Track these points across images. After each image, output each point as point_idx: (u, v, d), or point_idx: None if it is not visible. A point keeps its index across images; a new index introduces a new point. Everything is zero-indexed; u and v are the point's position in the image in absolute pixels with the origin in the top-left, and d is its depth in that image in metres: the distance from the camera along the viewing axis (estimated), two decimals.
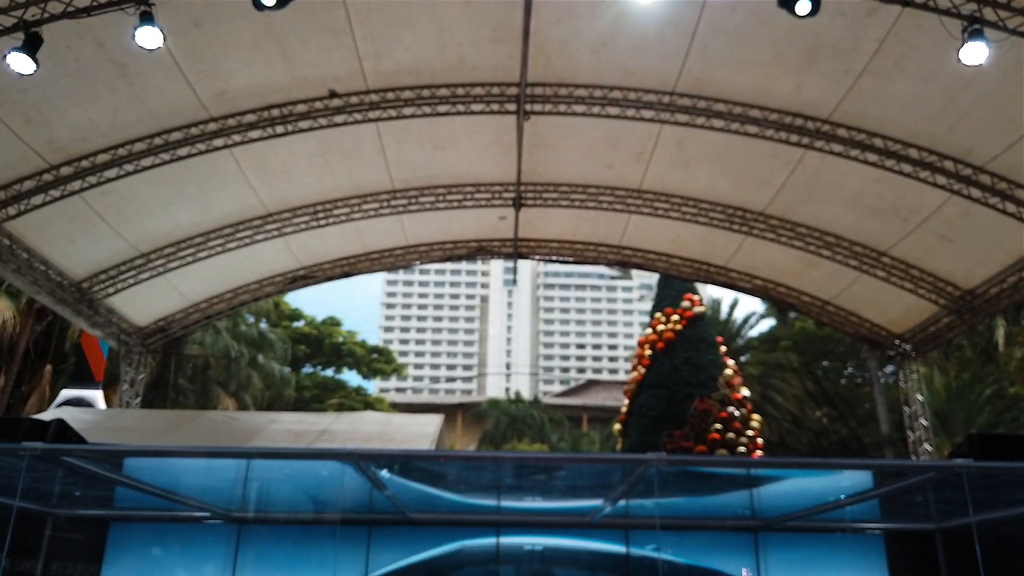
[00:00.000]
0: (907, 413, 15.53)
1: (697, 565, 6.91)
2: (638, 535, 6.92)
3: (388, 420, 15.17)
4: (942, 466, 4.65)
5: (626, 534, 7.05)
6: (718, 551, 7.01)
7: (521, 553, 7.01)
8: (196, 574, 6.67)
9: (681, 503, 6.61)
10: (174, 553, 6.79)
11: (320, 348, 37.37)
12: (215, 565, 6.67)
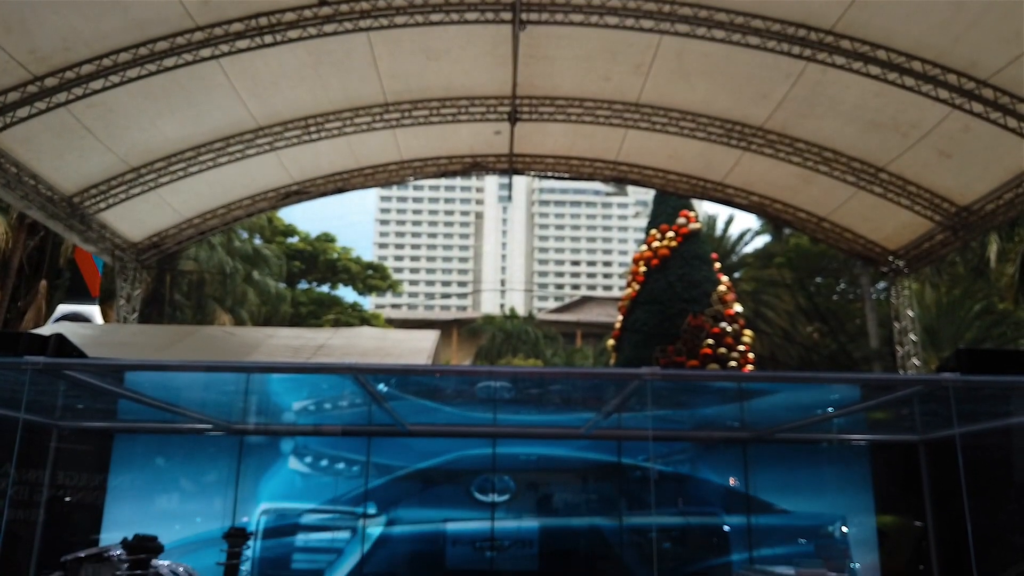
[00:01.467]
0: (897, 328, 15.76)
1: (687, 474, 7.13)
2: (630, 446, 7.10)
3: (385, 335, 15.35)
4: (929, 380, 4.74)
5: (618, 445, 7.24)
6: (708, 462, 7.22)
7: (516, 462, 7.22)
8: (200, 484, 6.87)
9: (672, 416, 6.76)
10: (178, 464, 6.97)
11: (315, 264, 37.40)
12: (218, 475, 6.86)
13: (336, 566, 6.75)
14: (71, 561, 4.20)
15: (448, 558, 6.84)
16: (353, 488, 7.03)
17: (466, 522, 7.00)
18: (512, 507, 7.07)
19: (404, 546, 7.01)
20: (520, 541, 6.89)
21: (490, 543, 6.86)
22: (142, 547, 4.18)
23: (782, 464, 7.13)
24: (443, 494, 7.19)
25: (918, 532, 6.62)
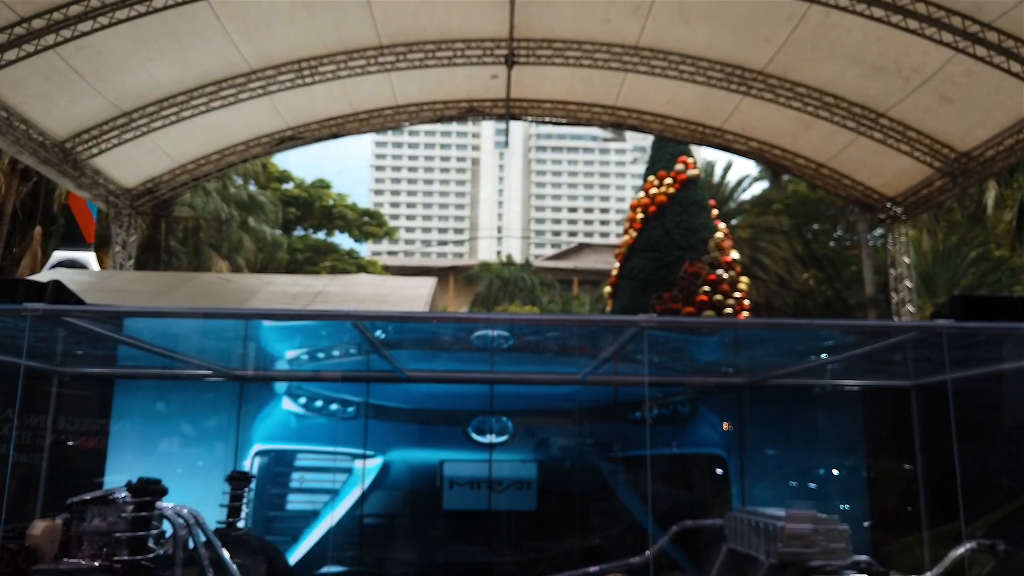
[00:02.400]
0: (892, 275, 15.82)
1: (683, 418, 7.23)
2: (626, 392, 7.19)
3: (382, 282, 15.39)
4: (923, 327, 4.78)
5: (615, 391, 7.33)
6: (703, 407, 7.32)
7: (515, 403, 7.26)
8: (201, 428, 6.96)
9: (668, 362, 6.82)
10: (179, 408, 7.05)
11: (310, 211, 37.23)
12: (220, 419, 6.95)
13: (331, 507, 6.86)
14: (77, 504, 4.27)
15: (445, 499, 6.93)
16: (350, 430, 7.10)
17: (463, 463, 7.08)
18: (510, 448, 7.13)
19: (400, 488, 7.07)
20: (518, 482, 6.98)
21: (488, 484, 6.96)
22: (146, 490, 4.25)
23: (775, 409, 7.24)
24: (440, 435, 7.23)
25: (907, 475, 6.75)
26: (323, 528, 6.78)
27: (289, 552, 6.45)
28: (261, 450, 6.93)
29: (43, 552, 4.24)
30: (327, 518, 6.84)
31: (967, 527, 4.54)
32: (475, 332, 6.02)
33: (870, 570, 4.44)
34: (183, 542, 4.46)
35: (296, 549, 6.51)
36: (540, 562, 6.56)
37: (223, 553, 4.57)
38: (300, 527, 6.71)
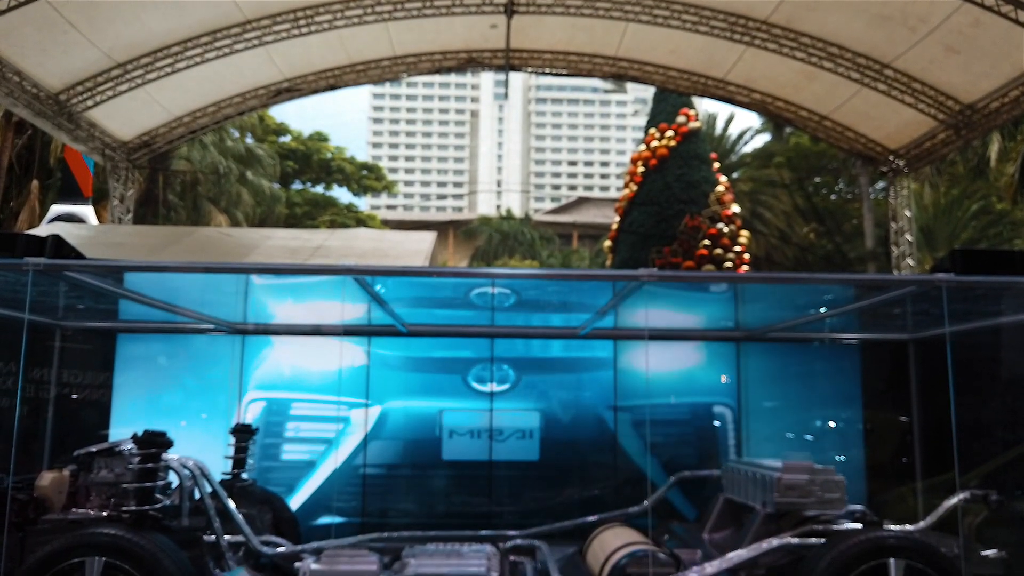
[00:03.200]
0: (893, 229, 15.79)
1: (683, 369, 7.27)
2: (625, 345, 7.24)
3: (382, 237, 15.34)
4: (923, 280, 4.78)
5: (614, 344, 7.37)
6: (701, 360, 7.36)
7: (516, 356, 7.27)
8: (204, 381, 7.01)
9: (668, 316, 6.84)
10: (182, 362, 7.10)
11: (308, 164, 36.92)
12: (222, 372, 7.00)
13: (326, 457, 6.88)
14: (84, 455, 4.33)
15: (445, 449, 6.95)
16: (349, 380, 7.04)
17: (463, 412, 7.05)
18: (511, 397, 7.09)
19: (398, 437, 7.06)
20: (520, 431, 6.96)
21: (488, 433, 6.97)
22: (151, 442, 4.31)
23: (774, 361, 7.29)
24: (440, 384, 7.19)
25: (903, 427, 6.84)
26: (319, 479, 6.80)
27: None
28: (255, 398, 6.94)
29: (52, 502, 4.31)
30: (322, 468, 6.85)
31: (961, 477, 4.61)
32: (475, 290, 6.01)
33: (864, 519, 4.52)
34: (189, 493, 4.53)
35: (291, 500, 6.57)
36: (541, 512, 6.62)
37: (229, 503, 4.65)
38: (295, 477, 6.74)
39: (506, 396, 7.10)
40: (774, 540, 4.34)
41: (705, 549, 5.08)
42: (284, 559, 4.90)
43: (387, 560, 4.92)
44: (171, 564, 3.88)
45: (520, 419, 7.00)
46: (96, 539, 3.90)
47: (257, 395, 7.00)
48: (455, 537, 5.42)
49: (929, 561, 4.05)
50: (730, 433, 7.10)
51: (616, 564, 4.71)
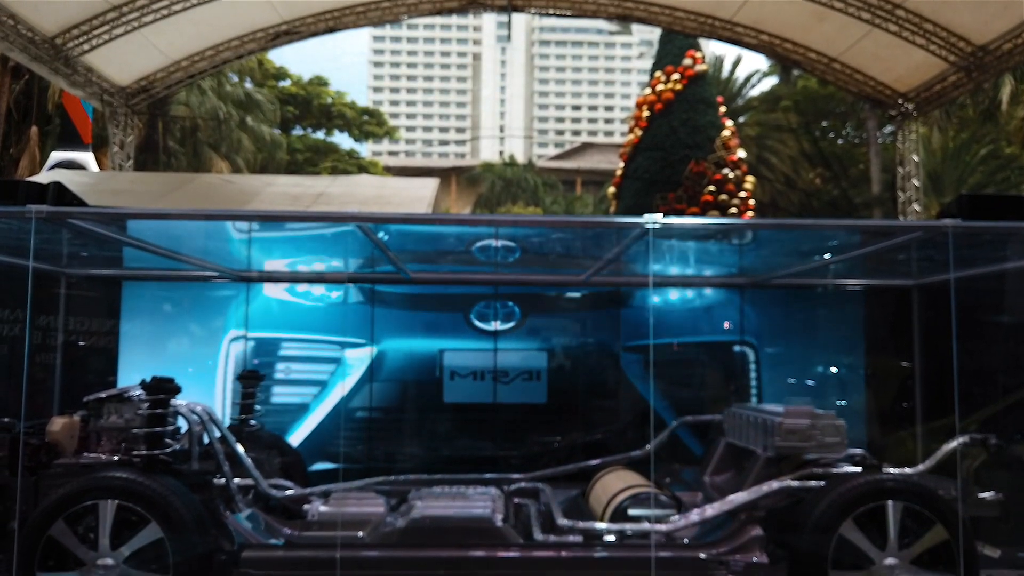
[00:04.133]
0: (900, 174, 15.64)
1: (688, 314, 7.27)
2: (629, 292, 7.24)
3: (383, 183, 15.23)
4: (928, 226, 4.75)
5: (618, 291, 7.38)
6: (705, 307, 7.37)
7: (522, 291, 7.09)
8: (209, 328, 7.05)
9: (672, 262, 6.82)
10: (187, 309, 7.14)
11: (309, 109, 36.46)
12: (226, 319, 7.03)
13: (318, 401, 6.64)
14: (93, 402, 4.39)
15: (446, 392, 6.65)
16: (337, 316, 6.74)
17: (465, 353, 6.70)
18: (517, 336, 6.76)
19: (396, 380, 6.73)
20: (526, 372, 6.68)
21: (492, 375, 6.66)
22: (160, 388, 4.35)
23: (777, 307, 7.31)
24: (440, 322, 6.85)
25: (905, 372, 6.89)
26: (310, 424, 6.55)
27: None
28: (237, 336, 6.63)
29: (63, 447, 4.38)
30: (315, 412, 6.57)
31: (961, 422, 4.66)
32: (478, 244, 5.92)
33: (864, 463, 4.58)
34: (198, 437, 4.60)
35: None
36: (547, 456, 6.57)
37: (237, 447, 4.72)
38: (285, 422, 6.49)
39: (511, 336, 6.79)
40: (774, 483, 4.41)
41: (706, 491, 5.17)
42: (293, 501, 5.01)
43: (393, 502, 5.02)
44: (182, 506, 3.96)
45: (526, 360, 6.68)
46: (109, 482, 3.98)
47: (240, 334, 6.73)
48: (460, 480, 5.51)
49: (926, 503, 4.12)
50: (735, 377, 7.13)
51: (618, 506, 4.80)
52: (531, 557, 4.35)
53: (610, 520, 4.74)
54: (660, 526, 4.44)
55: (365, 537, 4.56)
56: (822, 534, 4.06)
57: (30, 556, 3.86)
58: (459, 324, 6.81)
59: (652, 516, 4.57)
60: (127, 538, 3.94)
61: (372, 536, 4.56)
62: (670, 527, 4.44)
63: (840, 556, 4.05)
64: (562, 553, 4.36)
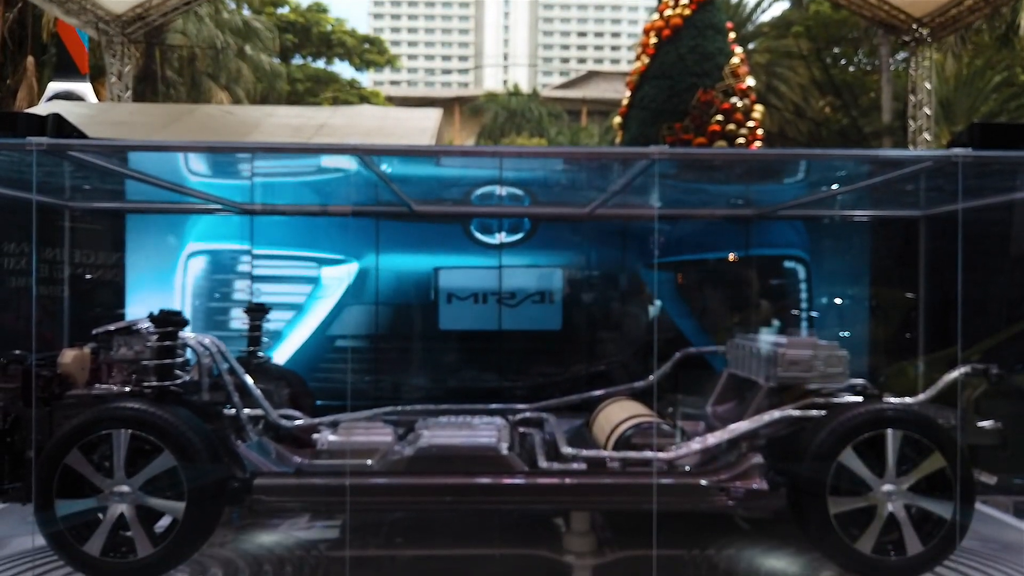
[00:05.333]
0: (912, 102, 15.36)
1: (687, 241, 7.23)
2: (634, 225, 7.20)
3: (386, 114, 15.04)
4: (938, 156, 4.68)
5: (623, 224, 7.33)
6: (711, 239, 7.34)
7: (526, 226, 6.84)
8: (214, 260, 7.06)
9: (677, 194, 6.76)
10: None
11: (308, 37, 35.71)
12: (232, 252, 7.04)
13: (291, 327, 6.17)
14: (102, 334, 4.43)
15: (441, 319, 6.06)
16: (313, 228, 6.13)
17: (464, 271, 6.02)
18: (525, 250, 6.05)
19: (382, 303, 6.01)
20: (536, 294, 5.98)
21: (497, 297, 5.96)
22: (168, 321, 4.39)
23: (781, 238, 7.28)
24: (434, 234, 6.17)
25: (909, 303, 6.90)
26: (283, 352, 6.05)
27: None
28: (195, 251, 6.07)
29: (75, 378, 4.45)
30: (287, 340, 6.06)
31: (963, 352, 4.69)
32: (478, 192, 5.73)
33: (865, 392, 4.63)
34: (207, 369, 4.66)
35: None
36: (563, 387, 6.35)
37: (247, 379, 4.79)
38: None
39: (519, 250, 6.21)
40: (775, 412, 4.47)
41: (708, 421, 5.25)
42: (302, 431, 5.10)
43: (401, 432, 5.12)
44: (194, 435, 4.04)
45: (537, 279, 5.93)
46: (121, 413, 4.06)
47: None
48: (466, 411, 5.59)
49: (925, 432, 4.18)
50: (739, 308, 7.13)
51: (621, 435, 4.88)
52: (535, 484, 4.45)
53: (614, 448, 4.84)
54: (662, 454, 4.52)
55: (373, 465, 4.66)
56: (821, 462, 4.14)
57: (48, 484, 3.96)
58: (457, 236, 6.07)
59: (654, 444, 4.65)
60: (142, 466, 4.03)
61: (380, 464, 4.66)
62: (672, 455, 4.52)
63: (838, 483, 4.13)
64: (566, 480, 4.45)
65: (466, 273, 5.97)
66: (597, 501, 4.58)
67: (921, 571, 4.22)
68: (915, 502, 4.16)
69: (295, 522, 5.29)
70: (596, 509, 5.03)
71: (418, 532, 5.25)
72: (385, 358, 6.20)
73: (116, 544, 4.04)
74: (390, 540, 5.14)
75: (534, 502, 4.54)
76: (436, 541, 5.12)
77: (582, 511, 4.79)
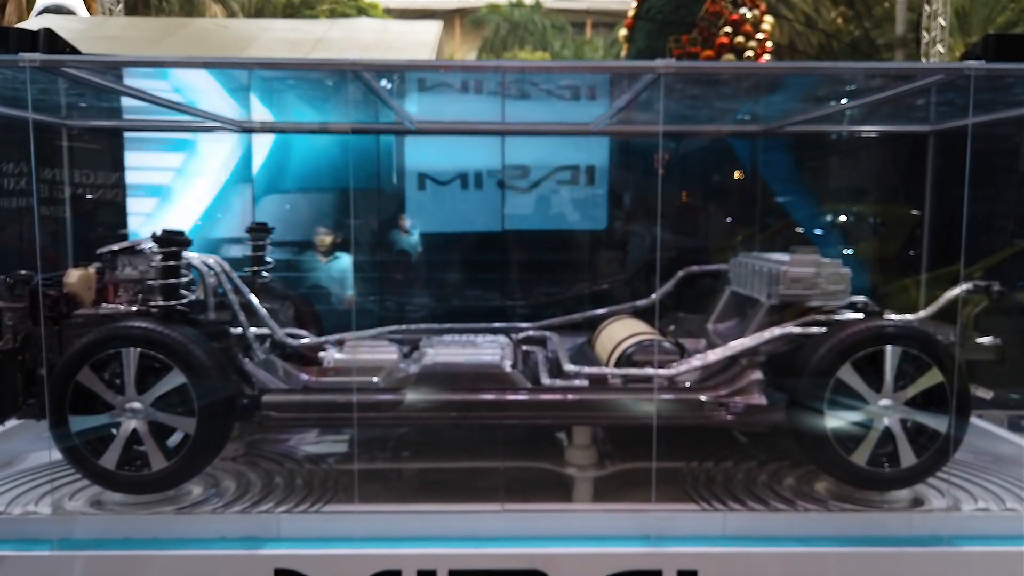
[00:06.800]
0: (926, 12, 14.92)
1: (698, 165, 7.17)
2: (639, 141, 7.11)
3: (385, 27, 14.63)
4: (950, 68, 4.57)
5: (627, 141, 7.23)
6: (715, 155, 7.26)
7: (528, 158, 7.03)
8: (215, 181, 7.02)
9: (683, 110, 6.64)
10: (191, 161, 7.08)
11: None
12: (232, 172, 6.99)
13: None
14: (107, 254, 4.44)
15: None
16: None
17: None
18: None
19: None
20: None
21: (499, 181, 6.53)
22: (171, 241, 4.39)
23: (788, 155, 7.19)
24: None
25: (914, 220, 6.86)
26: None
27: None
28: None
29: (82, 298, 4.49)
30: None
31: (966, 270, 4.69)
32: (484, 80, 5.71)
33: (865, 309, 4.66)
34: (213, 289, 4.69)
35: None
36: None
37: (252, 298, 4.82)
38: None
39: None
40: (775, 329, 4.51)
41: (710, 339, 5.31)
42: (308, 349, 5.17)
43: (406, 350, 5.19)
44: (202, 354, 4.10)
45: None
46: (129, 332, 4.10)
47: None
48: (470, 329, 5.65)
49: (924, 348, 4.23)
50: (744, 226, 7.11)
51: (623, 353, 4.95)
52: (538, 400, 4.53)
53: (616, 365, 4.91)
54: (663, 370, 4.59)
55: (379, 382, 4.74)
56: (820, 378, 4.20)
57: (60, 401, 4.05)
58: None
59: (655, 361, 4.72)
60: (152, 384, 4.11)
61: (386, 381, 4.74)
62: (672, 371, 4.59)
63: (836, 398, 4.20)
64: (568, 396, 4.54)
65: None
66: (598, 417, 4.67)
67: (914, 482, 4.34)
68: (911, 416, 4.24)
69: (304, 437, 5.43)
70: (597, 424, 5.14)
71: (424, 447, 5.40)
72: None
73: (131, 458, 4.15)
74: (397, 454, 5.28)
75: (537, 418, 4.63)
76: (441, 455, 5.26)
77: (583, 426, 4.90)
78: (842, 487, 4.43)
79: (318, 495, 4.42)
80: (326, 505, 4.30)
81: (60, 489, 4.40)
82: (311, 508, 4.26)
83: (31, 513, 4.18)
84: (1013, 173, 5.94)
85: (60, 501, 4.29)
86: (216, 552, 3.91)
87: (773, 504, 4.35)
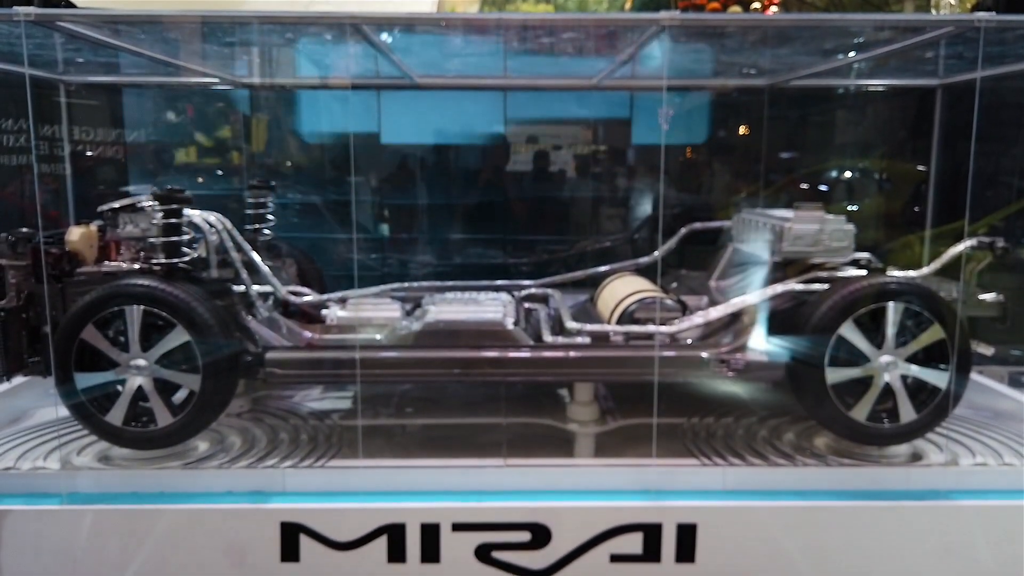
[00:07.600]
0: None
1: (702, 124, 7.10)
2: (643, 97, 7.02)
3: None
4: (960, 20, 4.47)
5: (631, 96, 7.14)
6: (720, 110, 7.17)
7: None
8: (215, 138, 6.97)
9: (688, 64, 6.54)
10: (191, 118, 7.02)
11: None
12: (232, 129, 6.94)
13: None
14: (108, 212, 4.43)
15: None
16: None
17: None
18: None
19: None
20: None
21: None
22: (172, 198, 4.38)
23: (795, 111, 7.11)
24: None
25: (919, 176, 6.81)
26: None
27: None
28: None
29: (84, 256, 4.49)
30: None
31: (971, 226, 4.67)
32: (486, 33, 5.64)
33: (868, 266, 4.65)
34: (215, 246, 4.69)
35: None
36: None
37: (254, 256, 4.82)
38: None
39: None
40: (778, 286, 4.51)
41: (711, 296, 5.31)
42: (311, 307, 5.19)
43: (408, 308, 5.20)
44: (205, 311, 4.12)
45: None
46: (132, 289, 4.12)
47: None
48: (473, 287, 5.66)
49: (927, 304, 4.22)
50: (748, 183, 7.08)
51: (625, 310, 4.95)
52: (540, 357, 4.56)
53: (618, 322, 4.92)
54: (664, 327, 4.60)
55: (382, 339, 4.77)
56: (821, 334, 4.20)
57: (66, 358, 4.08)
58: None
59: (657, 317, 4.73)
60: (156, 341, 4.13)
61: (389, 339, 4.77)
62: (674, 328, 4.60)
63: (837, 354, 4.21)
64: (570, 353, 4.56)
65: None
66: (600, 373, 4.70)
67: (913, 437, 4.37)
68: (912, 373, 4.25)
69: (308, 394, 5.48)
70: (599, 381, 5.17)
71: (427, 403, 5.45)
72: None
73: (137, 415, 4.20)
74: (400, 410, 5.34)
75: (539, 375, 4.66)
76: (444, 411, 5.31)
77: (585, 383, 4.93)
78: (841, 442, 4.47)
79: (323, 451, 4.48)
80: (330, 460, 4.36)
81: (68, 445, 4.46)
82: (316, 463, 4.32)
83: (40, 468, 4.25)
84: (1020, 128, 5.87)
85: (68, 457, 4.36)
86: (222, 506, 3.98)
87: (772, 459, 4.40)
